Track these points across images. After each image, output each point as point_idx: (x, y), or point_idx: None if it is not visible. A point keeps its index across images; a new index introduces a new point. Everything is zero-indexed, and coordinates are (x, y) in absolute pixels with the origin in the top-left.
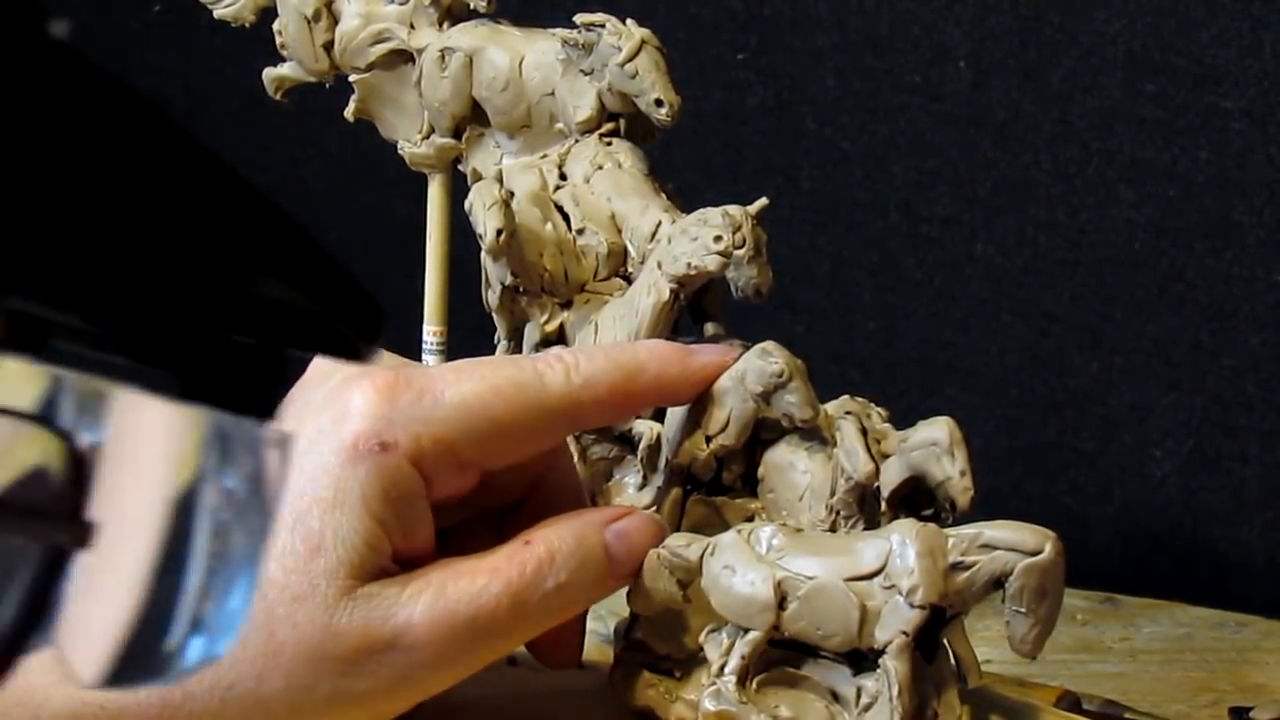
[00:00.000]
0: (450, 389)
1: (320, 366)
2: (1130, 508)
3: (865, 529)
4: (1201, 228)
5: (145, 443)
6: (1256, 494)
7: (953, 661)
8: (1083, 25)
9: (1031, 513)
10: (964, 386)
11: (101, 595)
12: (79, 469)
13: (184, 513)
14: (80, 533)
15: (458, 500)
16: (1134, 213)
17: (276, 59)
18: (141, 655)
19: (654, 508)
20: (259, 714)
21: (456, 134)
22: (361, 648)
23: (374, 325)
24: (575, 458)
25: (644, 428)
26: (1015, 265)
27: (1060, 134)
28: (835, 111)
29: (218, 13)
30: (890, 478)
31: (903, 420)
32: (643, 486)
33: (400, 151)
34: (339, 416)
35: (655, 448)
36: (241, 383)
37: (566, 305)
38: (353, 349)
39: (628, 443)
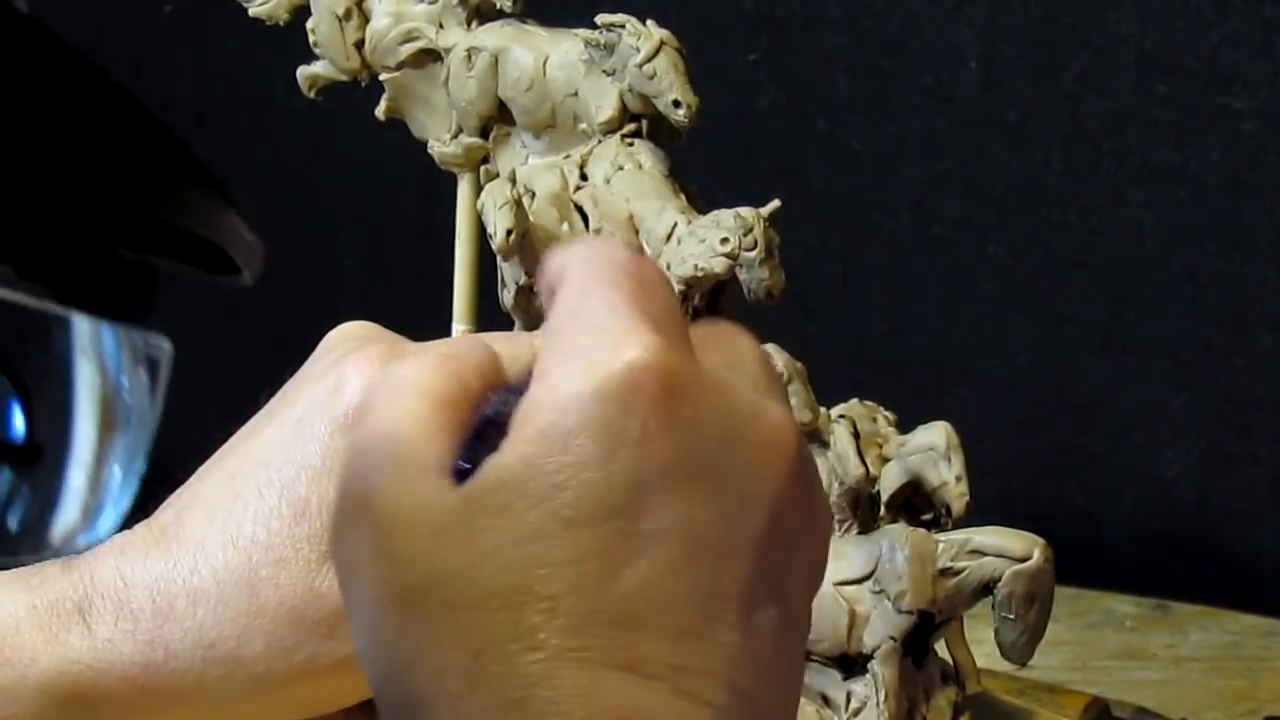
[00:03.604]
0: None
1: (331, 338)
2: (1142, 508)
3: (859, 533)
4: (1213, 228)
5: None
6: (1268, 494)
7: (952, 666)
8: (1094, 26)
9: (1043, 513)
10: (975, 387)
11: None
12: (24, 403)
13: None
14: (32, 454)
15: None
16: (1145, 213)
17: (289, 59)
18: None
19: None
20: (240, 674)
21: (484, 133)
22: (342, 611)
23: (252, 250)
24: None
25: None
26: (1026, 266)
27: (1071, 135)
28: (847, 112)
29: (253, 11)
30: (889, 482)
31: (914, 422)
32: None
33: (430, 150)
34: (333, 388)
35: None
36: (115, 292)
37: None
38: (231, 265)
39: None
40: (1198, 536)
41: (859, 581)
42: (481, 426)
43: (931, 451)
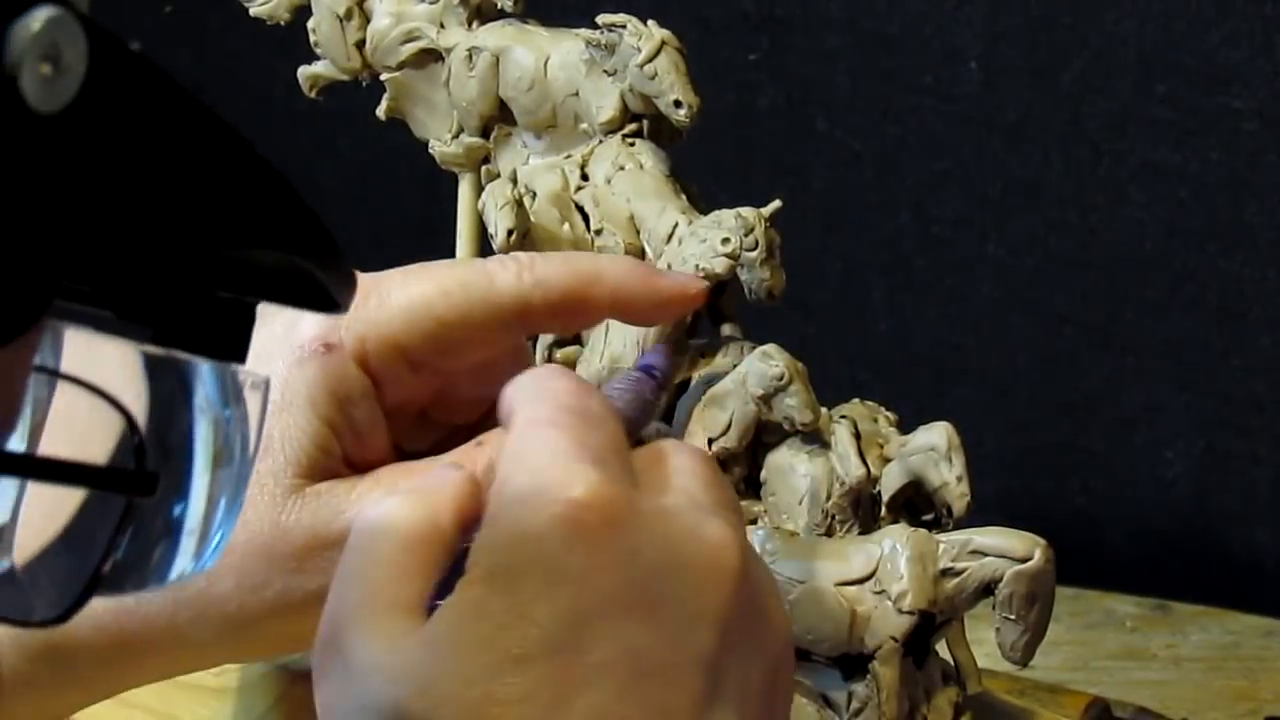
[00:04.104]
0: (397, 290)
1: None
2: (1142, 508)
3: (860, 533)
4: (1212, 228)
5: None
6: (1268, 494)
7: (953, 667)
8: (1094, 26)
9: (1043, 513)
10: (975, 387)
11: None
12: (136, 434)
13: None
14: (148, 483)
15: (419, 409)
16: (1145, 213)
17: (289, 59)
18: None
19: None
20: (212, 614)
21: (485, 133)
22: (311, 544)
23: (344, 278)
24: None
25: (652, 429)
26: (1026, 266)
27: (1071, 135)
28: (846, 112)
29: (253, 10)
30: (890, 483)
31: (914, 422)
32: None
33: (431, 150)
34: (290, 323)
35: None
36: (214, 331)
37: None
38: (329, 301)
39: (639, 443)
40: (1198, 536)
41: (860, 582)
42: (459, 560)
43: (933, 452)
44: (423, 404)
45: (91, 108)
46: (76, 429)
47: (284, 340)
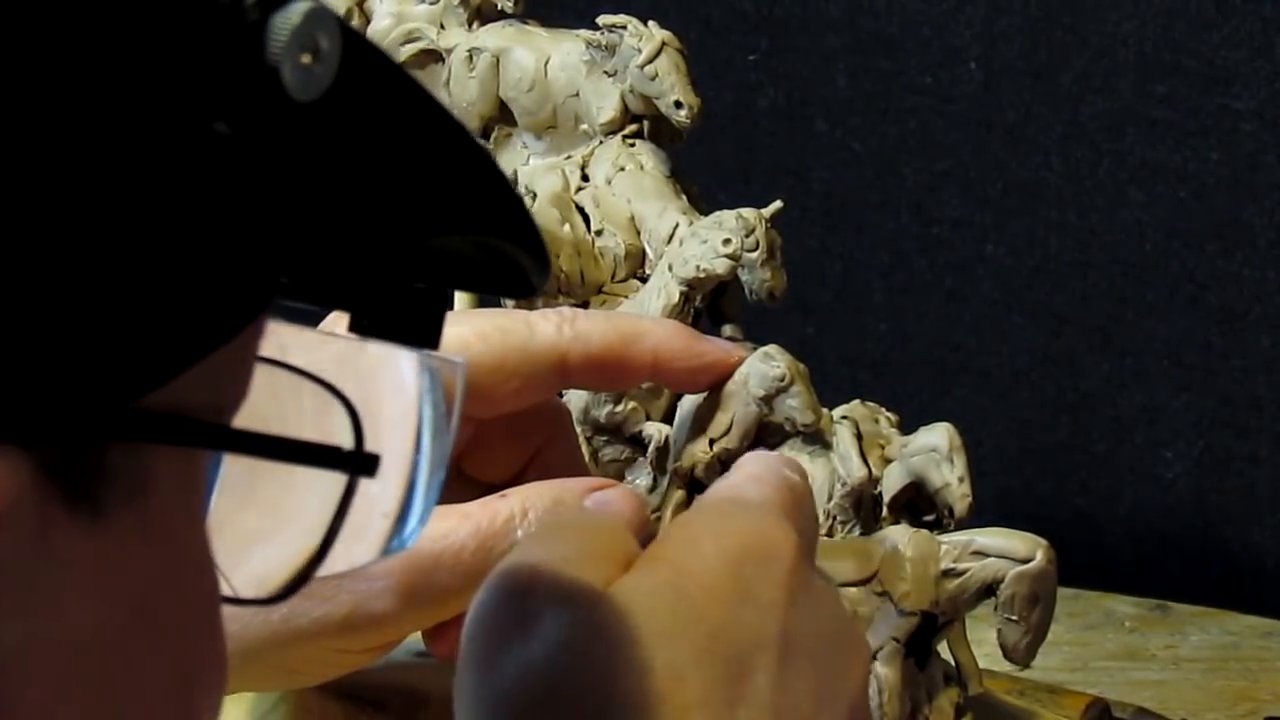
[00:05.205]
0: None
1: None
2: (1141, 509)
3: (862, 534)
4: (1212, 229)
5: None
6: (1267, 495)
7: (954, 667)
8: (1093, 27)
9: (1042, 513)
10: (975, 388)
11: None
12: (355, 417)
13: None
14: (369, 463)
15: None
16: (1145, 214)
17: None
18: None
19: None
20: None
21: (485, 134)
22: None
23: (544, 262)
24: (586, 459)
25: (653, 430)
26: (1026, 266)
27: (1071, 135)
28: (846, 113)
29: None
30: (891, 483)
31: (914, 422)
32: (653, 488)
33: None
34: None
35: (664, 450)
36: (409, 319)
37: (583, 307)
38: (525, 284)
39: (639, 445)
40: (1198, 536)
41: (862, 583)
42: None
43: (934, 453)
44: (455, 452)
45: (341, 96)
46: (303, 417)
47: None
